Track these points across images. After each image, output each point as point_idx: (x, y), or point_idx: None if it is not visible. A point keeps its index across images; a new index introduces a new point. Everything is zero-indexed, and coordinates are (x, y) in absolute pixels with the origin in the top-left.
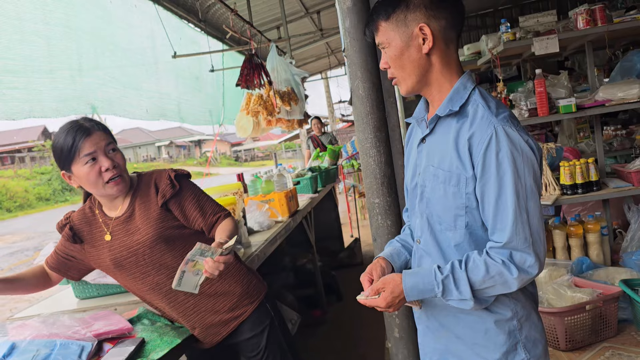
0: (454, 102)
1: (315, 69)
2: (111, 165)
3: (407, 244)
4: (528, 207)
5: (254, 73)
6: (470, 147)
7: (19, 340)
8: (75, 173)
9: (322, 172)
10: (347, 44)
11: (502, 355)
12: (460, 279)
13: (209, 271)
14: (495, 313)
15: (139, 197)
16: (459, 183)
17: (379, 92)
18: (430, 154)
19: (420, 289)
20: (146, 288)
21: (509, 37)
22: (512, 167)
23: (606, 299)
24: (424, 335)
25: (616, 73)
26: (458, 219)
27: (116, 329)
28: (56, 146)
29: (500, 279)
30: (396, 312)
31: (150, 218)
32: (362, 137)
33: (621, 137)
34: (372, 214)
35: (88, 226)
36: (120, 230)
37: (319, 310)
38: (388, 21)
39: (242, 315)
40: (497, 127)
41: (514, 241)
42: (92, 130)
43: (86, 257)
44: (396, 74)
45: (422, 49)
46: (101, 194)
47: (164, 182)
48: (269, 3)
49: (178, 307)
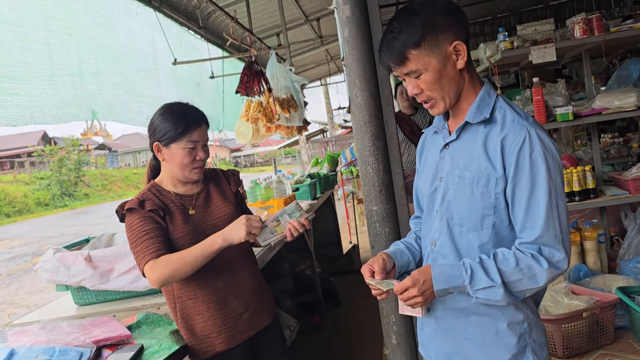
0: (482, 109)
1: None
2: (204, 157)
3: (412, 246)
4: (558, 205)
5: (253, 80)
6: (502, 148)
7: (18, 347)
8: (172, 150)
9: (320, 179)
10: (346, 53)
11: (512, 357)
12: (489, 267)
13: (292, 230)
14: (508, 315)
15: (211, 182)
16: (488, 183)
17: (377, 101)
18: (455, 158)
19: (447, 275)
20: (216, 264)
21: (506, 46)
22: (545, 167)
23: (603, 307)
24: (431, 338)
25: (613, 81)
26: (485, 219)
27: (115, 335)
28: (166, 122)
29: (529, 272)
30: (394, 319)
31: (228, 198)
32: (361, 145)
33: (618, 145)
34: (370, 221)
35: (164, 203)
36: (201, 206)
37: (318, 316)
38: (420, 48)
39: (274, 316)
40: (529, 129)
41: (545, 237)
42: (201, 123)
43: (168, 230)
44: (434, 95)
45: (456, 65)
46: (183, 176)
47: (233, 175)
48: (269, 10)
49: (238, 286)
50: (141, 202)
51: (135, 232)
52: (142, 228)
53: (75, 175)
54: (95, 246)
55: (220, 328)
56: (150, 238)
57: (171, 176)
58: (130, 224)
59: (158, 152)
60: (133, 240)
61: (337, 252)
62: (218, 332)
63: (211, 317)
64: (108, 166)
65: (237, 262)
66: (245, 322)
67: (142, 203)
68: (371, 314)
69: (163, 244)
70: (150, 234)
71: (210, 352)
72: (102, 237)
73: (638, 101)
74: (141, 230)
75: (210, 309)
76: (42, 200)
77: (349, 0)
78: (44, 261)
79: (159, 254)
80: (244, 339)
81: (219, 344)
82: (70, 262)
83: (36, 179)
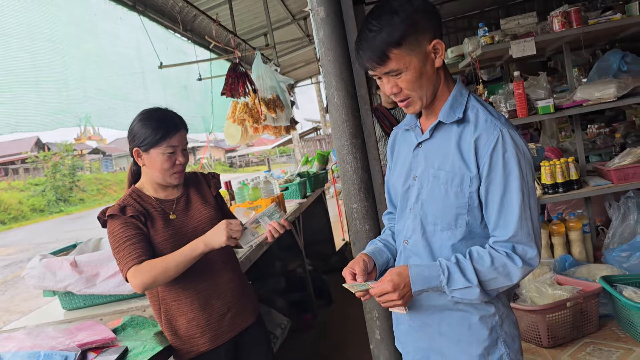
0: (455, 109)
1: (304, 74)
2: (183, 162)
3: (389, 243)
4: (530, 204)
5: (238, 82)
6: (476, 147)
7: (3, 352)
8: (151, 155)
9: (310, 177)
10: (322, 54)
11: (484, 349)
12: (466, 267)
13: (272, 232)
14: (480, 309)
15: (191, 186)
16: (462, 183)
17: (353, 100)
18: (428, 158)
19: (425, 276)
20: (198, 266)
21: (487, 41)
22: (518, 167)
23: (586, 296)
24: (407, 334)
25: (594, 73)
26: (459, 217)
27: (100, 338)
28: (145, 128)
29: (503, 270)
30: (377, 315)
31: (208, 202)
32: (339, 144)
33: (604, 135)
34: (351, 219)
35: (145, 208)
36: (182, 211)
37: (310, 314)
38: (401, 47)
39: (257, 315)
40: (502, 130)
41: (519, 235)
42: (180, 127)
43: (149, 235)
44: (412, 94)
45: (434, 64)
46: (163, 180)
47: (213, 179)
48: (254, 11)
49: (221, 287)
50: (122, 208)
51: (117, 238)
52: (124, 234)
53: (70, 181)
54: (83, 251)
55: (203, 328)
56: (132, 244)
57: (152, 181)
58: (112, 230)
59: (138, 158)
60: (115, 246)
61: (329, 249)
62: (202, 332)
63: (195, 318)
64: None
65: (218, 264)
66: (228, 322)
67: (124, 209)
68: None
69: (145, 250)
70: (132, 239)
71: (194, 352)
72: (89, 242)
73: (618, 92)
74: (123, 236)
75: (194, 310)
76: (37, 207)
77: (323, 2)
78: (31, 267)
79: (141, 259)
80: (228, 338)
81: (203, 344)
82: (56, 267)
83: (31, 186)
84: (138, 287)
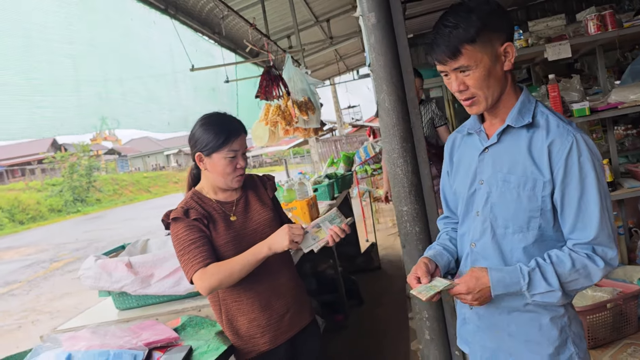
0: (524, 114)
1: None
2: (244, 165)
3: (448, 247)
4: (607, 206)
5: (272, 84)
6: (550, 152)
7: (75, 351)
8: (214, 160)
9: (338, 179)
10: (373, 59)
11: (555, 349)
12: (547, 271)
13: (333, 236)
14: (550, 310)
15: (249, 189)
16: (534, 187)
17: (404, 105)
18: (496, 162)
19: (506, 283)
20: (256, 269)
21: (521, 44)
22: (593, 170)
23: (626, 297)
24: (474, 334)
25: (627, 76)
26: (532, 220)
27: (164, 337)
28: (207, 133)
29: (584, 271)
30: (426, 315)
31: (266, 204)
32: (389, 147)
33: (632, 137)
34: (401, 221)
35: (207, 211)
36: (241, 213)
37: (342, 315)
38: (475, 44)
39: (313, 315)
40: (576, 135)
41: (600, 237)
42: (241, 132)
43: (211, 237)
44: (478, 93)
45: (504, 66)
46: (224, 184)
47: (269, 181)
48: (281, 12)
49: (280, 288)
50: (186, 211)
51: (181, 241)
52: (189, 237)
53: (87, 181)
54: (131, 252)
55: (264, 329)
56: (197, 247)
57: (212, 184)
58: (177, 232)
59: (200, 162)
60: (180, 249)
61: (355, 250)
62: (262, 332)
63: (256, 318)
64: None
65: (276, 265)
66: (287, 322)
67: (187, 212)
68: (392, 311)
69: (209, 253)
70: (196, 242)
71: (255, 352)
72: (137, 244)
73: None
74: (187, 239)
75: (255, 310)
76: (55, 207)
77: (374, 8)
78: (86, 268)
79: (207, 262)
80: (286, 338)
81: (263, 344)
82: (112, 268)
83: (48, 186)
84: (204, 289)
